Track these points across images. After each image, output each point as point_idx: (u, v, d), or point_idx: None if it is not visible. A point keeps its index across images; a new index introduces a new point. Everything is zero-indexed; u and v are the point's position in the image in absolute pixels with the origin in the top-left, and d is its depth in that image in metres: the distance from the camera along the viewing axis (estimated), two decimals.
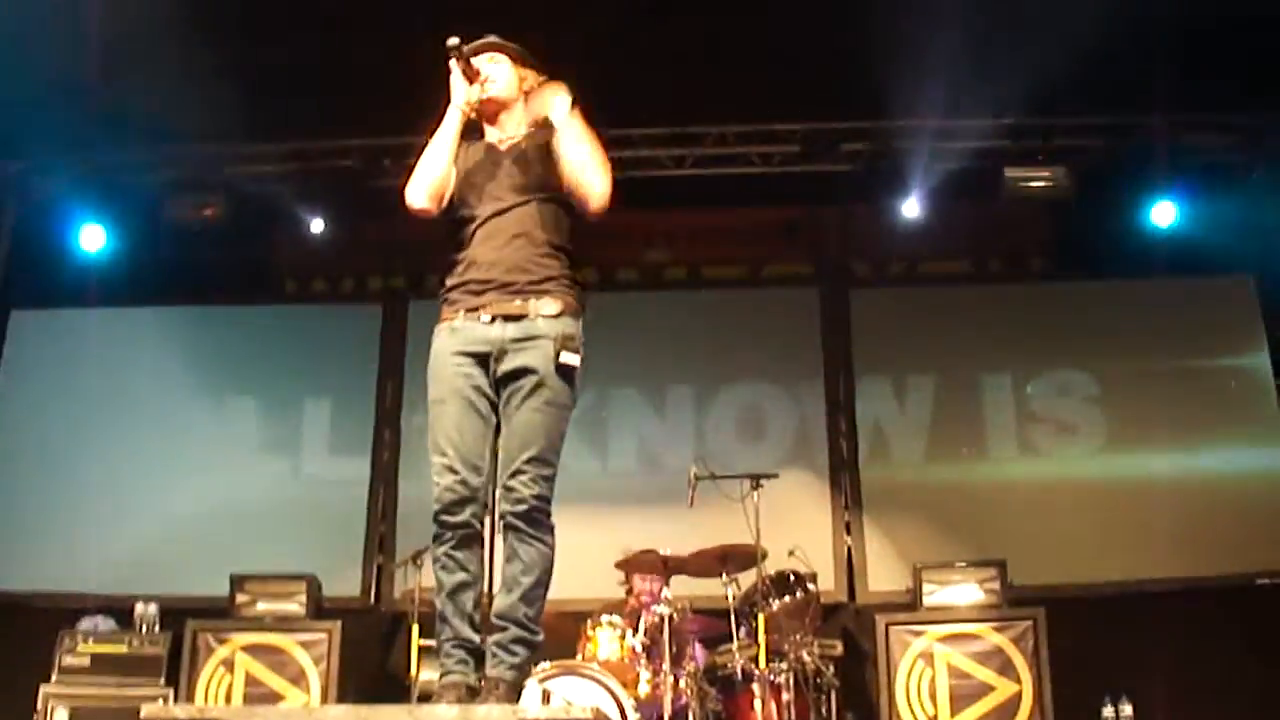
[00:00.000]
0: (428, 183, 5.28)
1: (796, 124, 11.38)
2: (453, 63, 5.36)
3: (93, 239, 11.80)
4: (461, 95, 5.40)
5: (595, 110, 5.49)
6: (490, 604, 5.21)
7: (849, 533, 11.40)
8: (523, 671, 5.11)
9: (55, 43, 9.31)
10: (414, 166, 5.36)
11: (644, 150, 11.38)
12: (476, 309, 5.18)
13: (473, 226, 5.29)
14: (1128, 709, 9.51)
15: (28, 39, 9.23)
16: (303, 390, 12.12)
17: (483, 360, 5.16)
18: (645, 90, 10.41)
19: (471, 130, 5.52)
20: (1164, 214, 11.34)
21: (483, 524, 5.14)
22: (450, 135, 5.36)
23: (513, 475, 5.04)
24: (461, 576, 5.10)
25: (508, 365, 5.13)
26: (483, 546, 5.18)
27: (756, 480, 9.54)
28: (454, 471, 5.06)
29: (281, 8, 9.31)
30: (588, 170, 5.24)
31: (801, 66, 10.21)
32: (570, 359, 5.13)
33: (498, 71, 5.49)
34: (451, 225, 5.38)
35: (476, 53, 5.44)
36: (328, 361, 12.17)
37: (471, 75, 5.39)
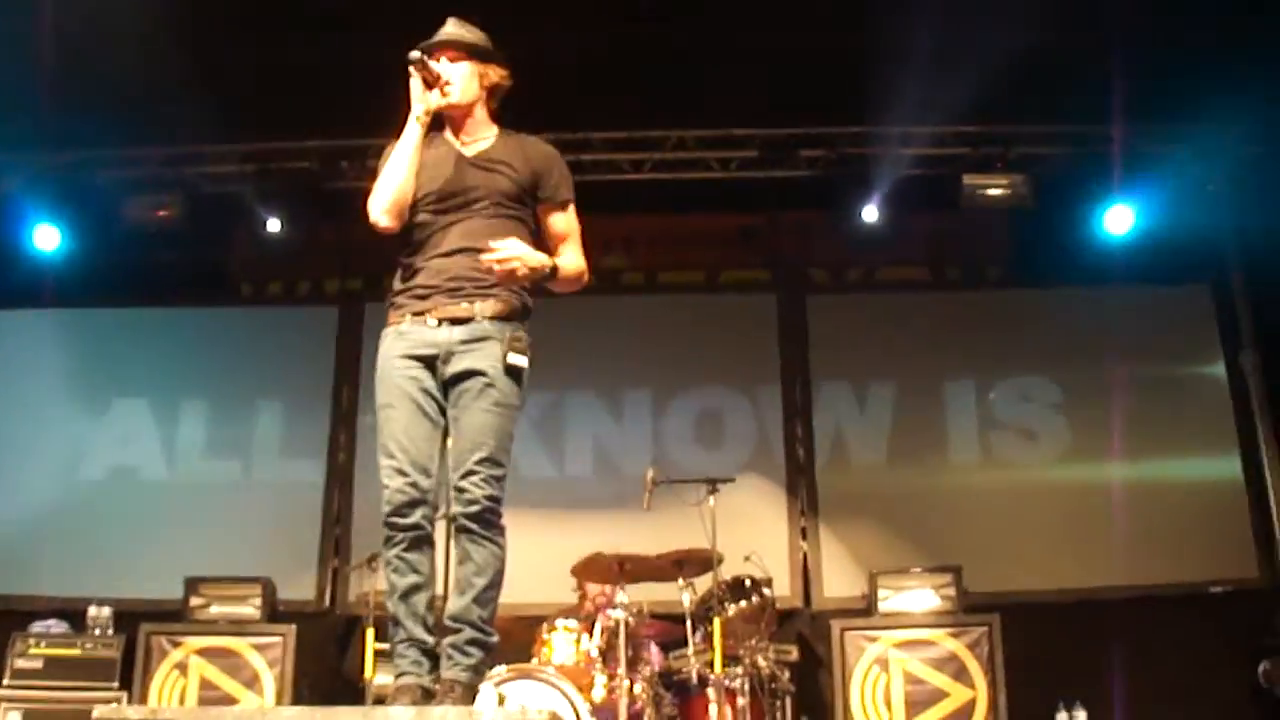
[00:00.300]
0: (388, 199, 5.25)
1: (755, 130, 11.39)
2: (411, 69, 5.31)
3: (48, 238, 11.72)
4: (420, 105, 5.34)
5: (552, 112, 5.51)
6: (444, 606, 5.21)
7: (805, 538, 11.43)
8: (478, 673, 5.11)
9: (9, 39, 9.26)
10: (376, 173, 5.35)
11: (602, 154, 11.40)
12: (423, 313, 5.20)
13: (426, 232, 5.29)
14: (1081, 715, 9.55)
15: None
16: (258, 393, 12.08)
17: (430, 363, 5.17)
18: (605, 94, 10.43)
19: (433, 126, 5.45)
20: (1121, 222, 11.37)
21: (433, 526, 5.16)
22: (410, 149, 5.30)
23: (464, 476, 5.05)
24: (413, 579, 5.11)
25: (455, 367, 5.15)
26: (434, 548, 5.20)
27: (713, 485, 9.54)
28: (404, 474, 5.07)
29: (241, 8, 9.28)
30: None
31: (761, 73, 10.22)
32: (518, 360, 5.18)
33: (456, 73, 5.40)
34: (403, 233, 5.37)
35: (434, 51, 5.37)
36: (283, 364, 12.15)
37: (431, 80, 5.32)
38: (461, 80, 5.42)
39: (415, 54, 5.26)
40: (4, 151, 11.38)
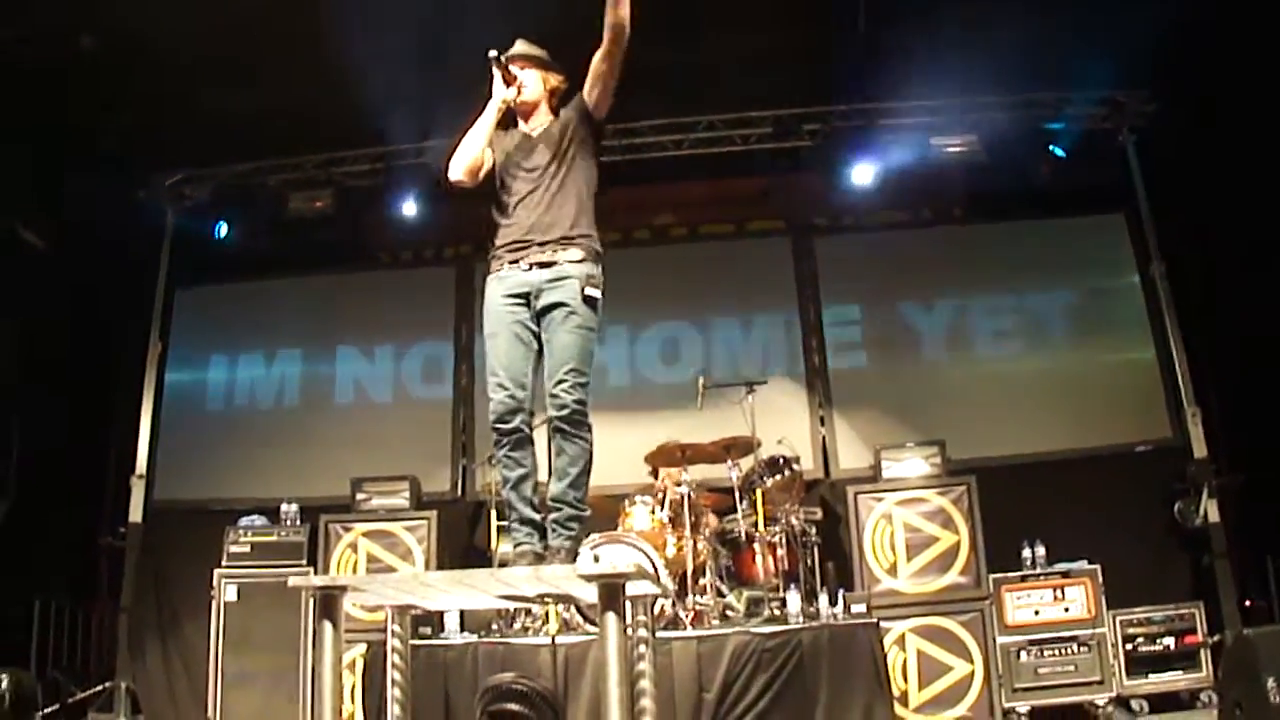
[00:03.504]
0: (465, 160, 5.44)
1: (767, 111, 11.37)
2: (494, 69, 5.46)
3: (230, 230, 11.87)
4: (500, 94, 5.52)
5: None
6: (547, 489, 5.27)
7: (823, 424, 11.39)
8: (577, 540, 5.20)
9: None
10: (454, 149, 5.42)
11: (650, 137, 11.36)
12: (517, 260, 5.30)
13: (513, 199, 5.39)
14: (1041, 550, 9.50)
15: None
16: (397, 335, 12.12)
17: (524, 299, 5.27)
18: (649, 90, 10.39)
19: (508, 122, 5.64)
20: (1054, 169, 11.28)
21: (531, 428, 5.24)
22: (488, 123, 5.52)
23: (557, 384, 5.19)
24: (520, 471, 5.23)
25: (545, 300, 5.28)
26: (534, 445, 5.29)
27: (750, 386, 9.65)
28: (504, 388, 5.22)
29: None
30: (611, 59, 5.37)
31: (770, 67, 10.16)
32: (593, 292, 5.32)
33: (528, 78, 5.59)
34: (496, 200, 5.48)
35: (512, 61, 5.53)
36: (415, 313, 12.19)
37: (509, 80, 5.52)
38: (531, 83, 5.58)
39: (493, 52, 5.46)
40: (194, 166, 11.47)
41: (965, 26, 9.57)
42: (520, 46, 5.62)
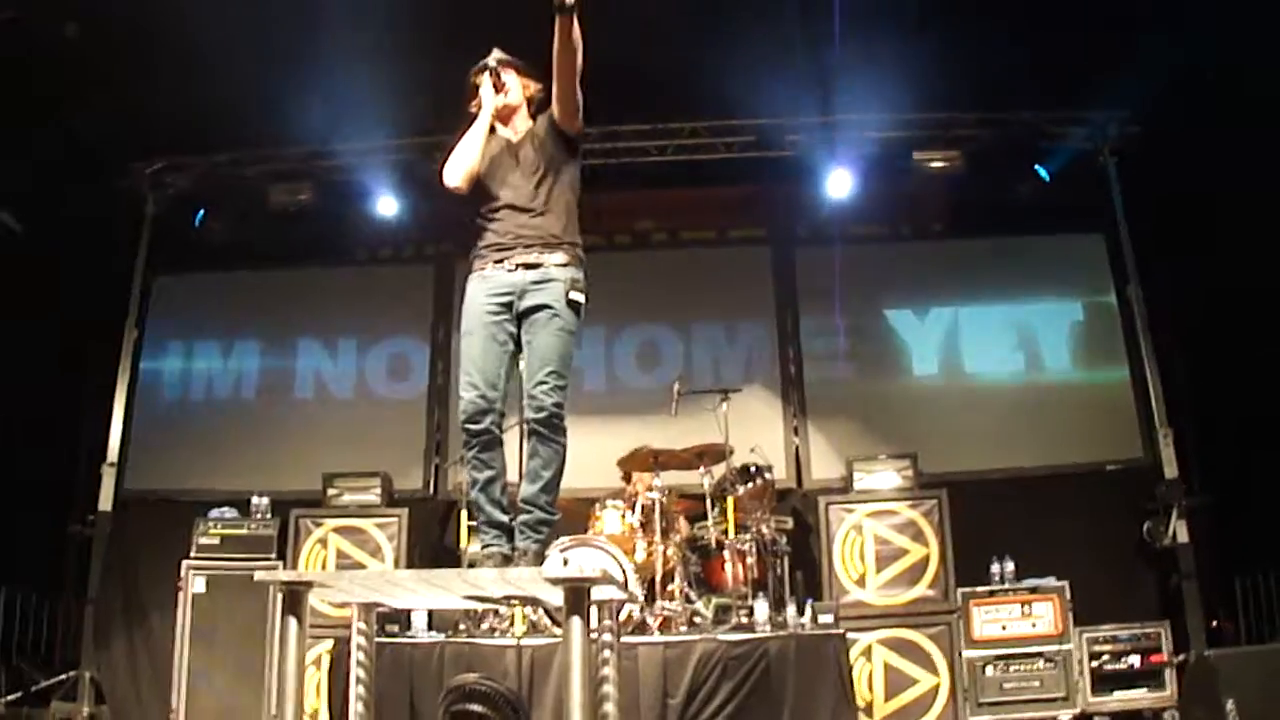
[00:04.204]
0: (463, 168, 5.40)
1: (751, 120, 11.36)
2: (486, 76, 5.49)
3: (207, 218, 11.82)
4: (491, 104, 5.52)
5: (594, 110, 5.53)
6: (517, 490, 5.26)
7: (797, 434, 11.41)
8: (545, 543, 5.19)
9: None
10: (449, 154, 5.40)
11: (634, 142, 11.37)
12: (501, 260, 5.29)
13: (499, 203, 5.38)
14: (1010, 565, 9.53)
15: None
16: (375, 331, 12.09)
17: (507, 300, 5.26)
18: (634, 96, 10.40)
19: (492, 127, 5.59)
20: (1035, 188, 11.34)
21: (501, 430, 5.22)
22: (482, 133, 5.49)
23: (535, 385, 5.17)
24: (489, 473, 5.22)
25: (528, 302, 5.27)
26: (503, 446, 5.27)
27: (725, 394, 9.66)
28: (476, 387, 5.20)
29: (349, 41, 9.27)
30: (567, 79, 5.26)
31: (755, 76, 10.18)
32: (577, 296, 5.29)
33: (510, 82, 5.59)
34: (481, 204, 5.46)
35: (499, 66, 5.52)
36: (393, 309, 12.17)
37: (499, 86, 5.51)
38: (514, 87, 5.59)
39: (493, 60, 5.49)
40: (188, 154, 11.43)
41: (950, 44, 9.64)
42: (498, 53, 5.60)
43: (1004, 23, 9.46)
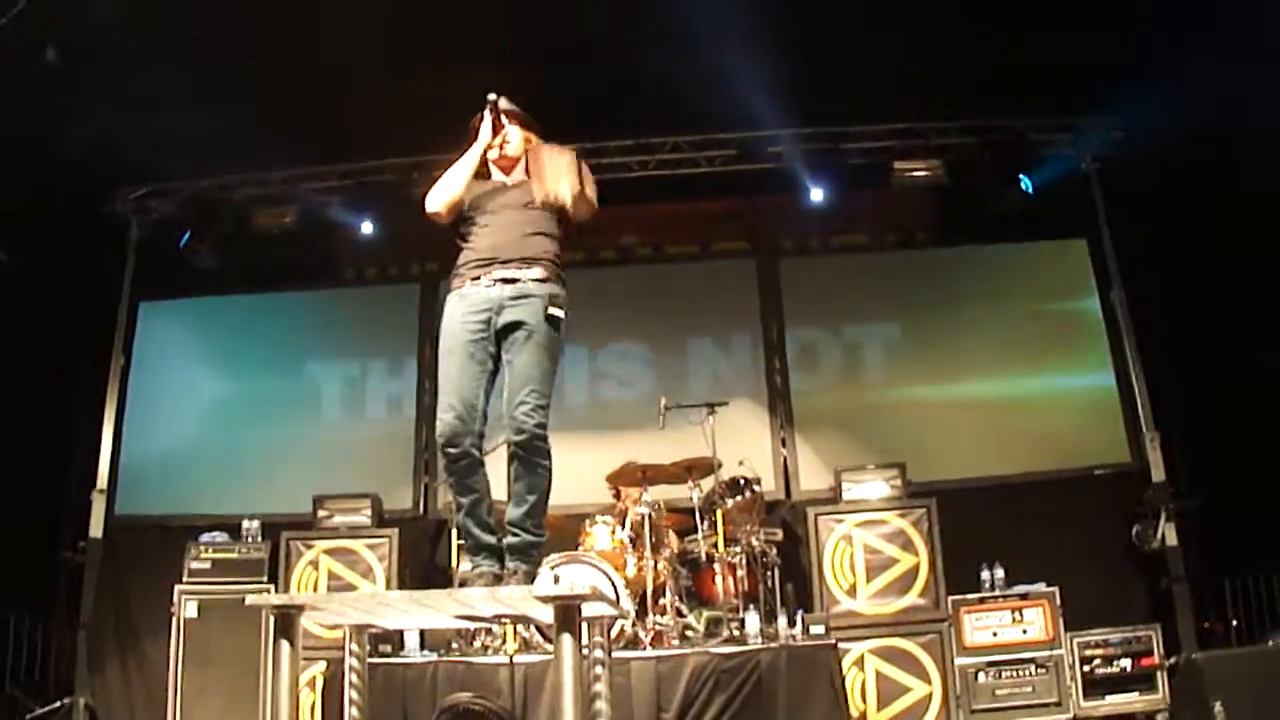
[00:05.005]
0: (446, 198, 5.45)
1: (733, 133, 11.41)
2: (487, 111, 5.54)
3: (192, 241, 11.77)
4: (483, 142, 5.56)
5: (577, 126, 5.60)
6: (504, 509, 5.28)
7: (784, 445, 11.44)
8: (535, 563, 5.20)
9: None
10: (435, 179, 5.46)
11: (616, 158, 11.39)
12: (479, 276, 5.30)
13: (480, 226, 5.42)
14: (1000, 572, 9.57)
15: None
16: (361, 352, 12.12)
17: (485, 318, 5.26)
18: (615, 111, 10.46)
19: (482, 172, 5.67)
20: (1017, 195, 11.41)
21: (481, 451, 5.20)
22: (471, 165, 5.54)
23: (516, 406, 5.14)
24: (473, 496, 5.22)
25: (506, 318, 5.27)
26: (484, 467, 5.23)
27: (712, 407, 9.65)
28: (453, 408, 5.18)
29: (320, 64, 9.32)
30: (586, 205, 5.52)
31: (735, 90, 10.22)
32: (556, 312, 5.29)
33: (513, 134, 5.64)
34: (464, 226, 5.50)
35: (504, 114, 5.59)
36: (380, 330, 12.21)
37: (498, 127, 5.56)
38: (515, 139, 5.65)
39: (493, 96, 5.53)
40: (165, 180, 11.45)
41: (931, 52, 9.70)
42: (504, 103, 5.64)
43: (987, 28, 9.52)
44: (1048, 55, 9.78)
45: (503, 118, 5.58)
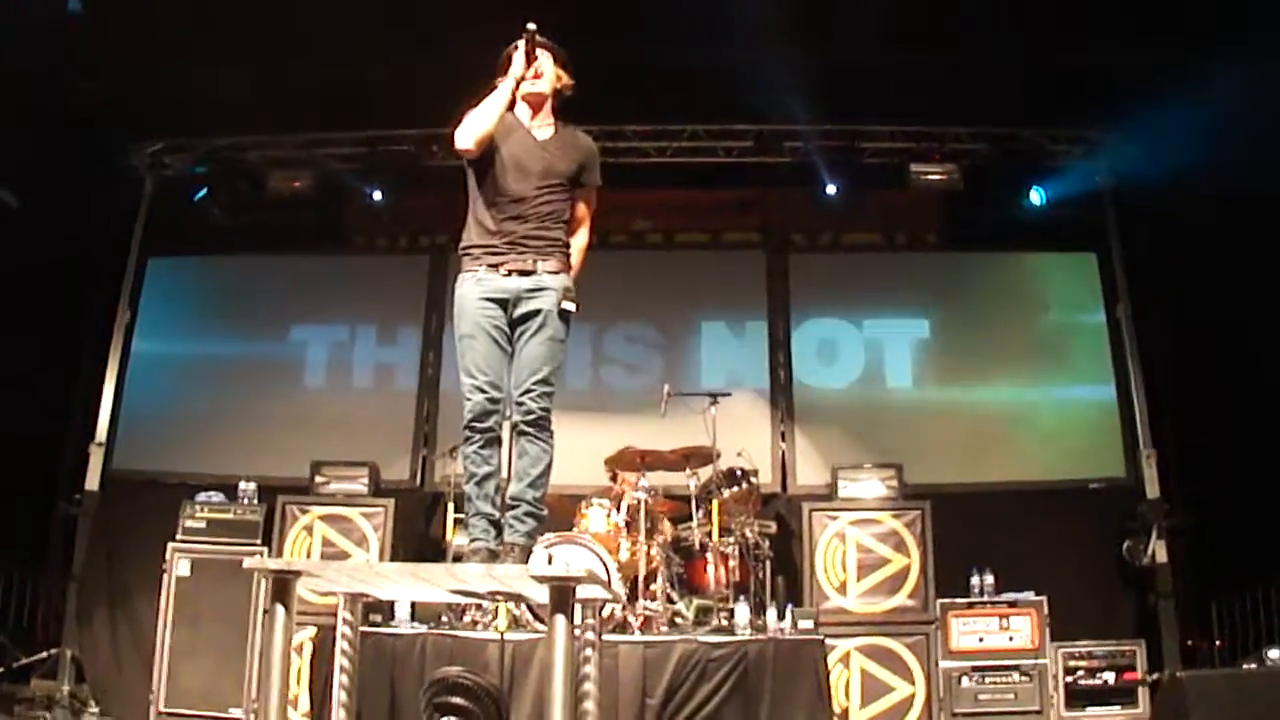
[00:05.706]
0: (477, 131, 5.39)
1: (751, 125, 11.43)
2: (522, 42, 5.50)
3: (207, 198, 11.81)
4: (517, 72, 5.50)
5: (596, 107, 5.60)
6: (507, 487, 5.34)
7: (783, 439, 11.47)
8: (532, 539, 5.27)
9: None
10: (463, 117, 5.45)
11: (634, 142, 11.40)
12: (497, 265, 5.33)
13: (499, 198, 5.43)
14: (989, 578, 9.60)
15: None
16: (367, 320, 12.14)
17: (503, 304, 5.32)
18: (635, 96, 10.47)
19: (511, 107, 5.59)
20: (1030, 204, 11.46)
21: (501, 429, 5.29)
22: (504, 99, 5.47)
23: (524, 392, 5.28)
24: (487, 469, 5.29)
25: (522, 309, 5.35)
26: (501, 445, 5.33)
27: (714, 397, 9.68)
28: (483, 390, 5.26)
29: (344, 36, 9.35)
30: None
31: (757, 81, 10.22)
32: (568, 306, 5.38)
33: (546, 67, 5.60)
34: (479, 181, 5.52)
35: (536, 45, 5.53)
36: (386, 299, 12.20)
37: (531, 58, 5.52)
38: (547, 72, 5.60)
39: (532, 26, 5.46)
40: (180, 135, 11.45)
41: (953, 57, 9.70)
42: (540, 38, 5.58)
43: (1014, 38, 9.55)
44: (1071, 68, 9.81)
45: (537, 50, 5.56)
